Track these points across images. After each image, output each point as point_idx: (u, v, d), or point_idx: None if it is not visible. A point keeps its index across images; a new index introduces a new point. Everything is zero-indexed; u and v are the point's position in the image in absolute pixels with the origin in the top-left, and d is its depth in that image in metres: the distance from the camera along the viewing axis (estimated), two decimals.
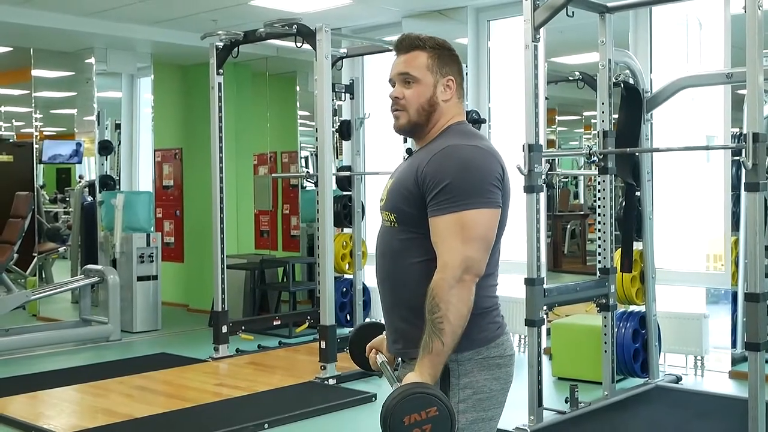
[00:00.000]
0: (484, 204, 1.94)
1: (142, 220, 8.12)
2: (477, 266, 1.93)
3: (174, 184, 9.43)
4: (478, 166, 1.97)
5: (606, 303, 5.15)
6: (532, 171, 4.57)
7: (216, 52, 6.45)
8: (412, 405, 1.79)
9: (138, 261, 7.91)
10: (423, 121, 2.10)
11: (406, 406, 1.79)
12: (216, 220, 6.48)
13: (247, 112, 9.19)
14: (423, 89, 2.09)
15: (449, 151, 1.99)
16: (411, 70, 2.09)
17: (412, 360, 2.03)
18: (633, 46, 6.10)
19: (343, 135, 7.50)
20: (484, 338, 2.04)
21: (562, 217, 7.75)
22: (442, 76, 2.10)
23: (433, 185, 1.95)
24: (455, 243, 1.91)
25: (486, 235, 1.95)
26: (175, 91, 9.39)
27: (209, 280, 6.92)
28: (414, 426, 1.78)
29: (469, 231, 1.92)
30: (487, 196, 1.95)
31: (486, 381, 2.02)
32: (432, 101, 2.09)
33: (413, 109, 2.10)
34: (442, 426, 1.79)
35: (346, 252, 7.43)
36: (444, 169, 1.96)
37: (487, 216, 1.95)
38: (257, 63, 8.80)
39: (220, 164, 6.48)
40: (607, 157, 5.14)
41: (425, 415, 1.78)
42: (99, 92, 8.37)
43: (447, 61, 2.12)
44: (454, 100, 2.12)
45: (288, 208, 9.14)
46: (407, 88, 2.10)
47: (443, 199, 1.94)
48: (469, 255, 1.91)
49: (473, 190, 1.94)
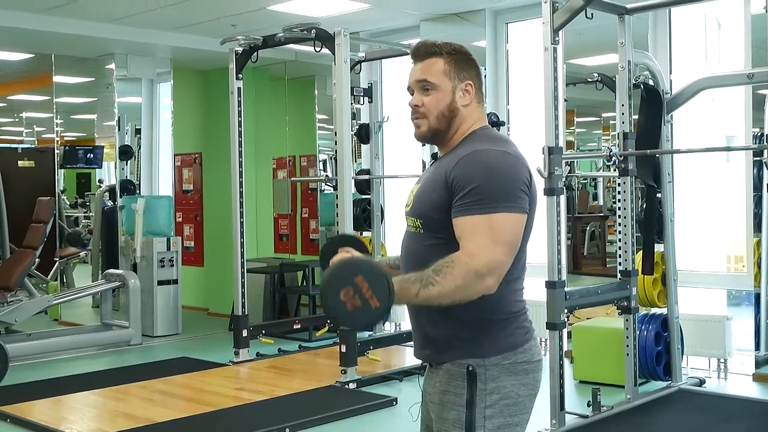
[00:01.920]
0: (511, 208, 1.92)
1: (163, 225, 8.14)
2: (501, 270, 1.91)
3: (194, 188, 9.46)
4: (507, 171, 1.96)
5: (628, 306, 5.11)
6: (552, 174, 4.54)
7: (235, 57, 6.46)
8: (371, 275, 1.78)
9: (158, 265, 7.94)
10: (444, 128, 2.08)
11: (367, 271, 1.78)
12: (235, 224, 6.50)
13: (266, 117, 9.21)
14: (442, 95, 2.07)
15: (478, 154, 1.98)
16: (428, 77, 2.08)
17: (440, 365, 2.02)
18: (652, 47, 6.06)
19: (361, 138, 7.50)
20: (512, 343, 2.02)
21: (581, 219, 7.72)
22: (460, 81, 2.08)
23: (461, 187, 1.94)
24: (485, 242, 1.89)
25: (513, 239, 1.93)
26: (195, 96, 9.43)
27: (229, 284, 6.94)
28: (352, 298, 1.76)
29: (498, 234, 1.90)
30: (515, 200, 1.93)
31: (513, 386, 2.01)
32: (451, 107, 2.08)
33: (433, 116, 2.08)
34: (378, 283, 1.78)
35: None
36: (472, 172, 1.94)
37: (514, 220, 1.93)
38: (276, 67, 8.82)
39: (240, 168, 6.50)
40: (628, 158, 5.11)
41: (359, 284, 1.77)
42: (119, 98, 8.41)
43: (464, 65, 2.10)
44: (473, 104, 2.11)
45: (307, 211, 9.15)
46: (426, 95, 2.08)
47: (471, 201, 1.92)
48: (496, 258, 1.88)
49: (501, 194, 1.92)
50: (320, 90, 8.86)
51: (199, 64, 9.09)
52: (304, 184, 9.06)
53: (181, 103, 9.00)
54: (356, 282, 1.77)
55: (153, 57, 8.54)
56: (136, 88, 8.68)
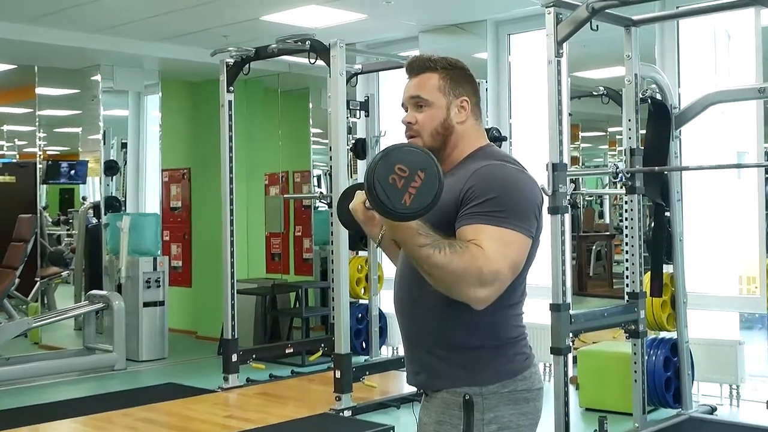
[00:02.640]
0: (522, 229, 1.91)
1: (149, 243, 8.14)
2: (502, 286, 1.88)
3: (182, 205, 9.46)
4: (524, 190, 1.96)
5: (635, 329, 5.11)
6: (556, 191, 4.55)
7: (226, 68, 6.48)
8: (407, 156, 1.76)
9: (144, 286, 7.92)
10: (439, 146, 2.07)
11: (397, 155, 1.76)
12: (225, 242, 6.49)
13: (258, 131, 9.23)
14: (435, 112, 2.07)
15: (495, 167, 1.98)
16: (422, 93, 2.08)
17: (436, 393, 2.01)
18: (660, 60, 6.09)
19: (357, 154, 7.51)
20: (511, 370, 2.01)
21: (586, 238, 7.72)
22: (455, 97, 2.08)
23: (475, 196, 1.92)
24: (498, 252, 1.85)
25: (519, 261, 1.92)
26: (184, 109, 9.45)
27: (218, 306, 6.92)
28: (400, 180, 1.73)
29: (510, 249, 1.88)
30: (527, 222, 1.92)
31: (512, 416, 1.99)
32: (446, 124, 2.07)
33: (427, 134, 2.07)
34: (430, 187, 1.75)
35: (362, 276, 7.42)
36: (490, 184, 1.93)
37: (522, 242, 1.92)
38: (269, 79, 8.85)
39: (230, 184, 6.50)
40: (635, 175, 5.12)
41: (415, 173, 1.75)
42: (105, 110, 8.43)
43: (460, 81, 2.10)
44: (470, 121, 2.11)
45: (300, 230, 9.15)
46: (419, 112, 2.08)
47: (485, 210, 1.90)
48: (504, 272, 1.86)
49: (516, 212, 1.91)
50: (315, 103, 8.88)
51: (189, 76, 9.11)
52: (297, 202, 9.06)
53: (169, 117, 9.01)
54: (415, 174, 1.74)
55: (140, 68, 8.57)
56: (122, 101, 8.70)
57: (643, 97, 5.26)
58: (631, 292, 5.15)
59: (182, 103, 9.43)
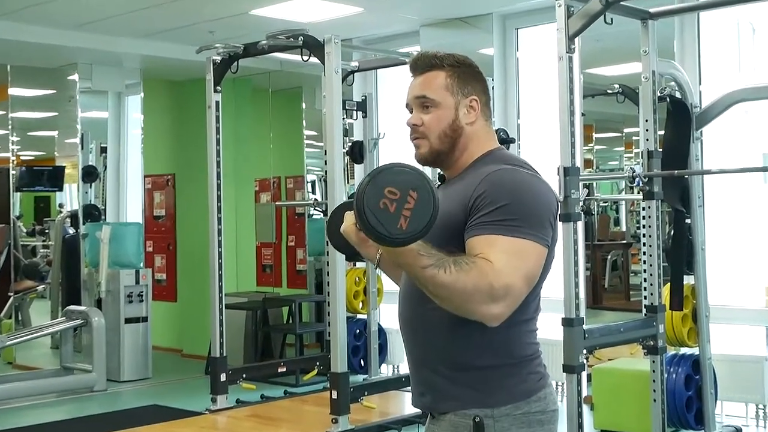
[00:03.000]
0: (538, 239, 1.92)
1: (131, 255, 8.13)
2: (516, 300, 1.88)
3: (166, 214, 9.45)
4: (539, 196, 1.96)
5: (654, 345, 5.10)
6: (568, 197, 4.54)
7: (213, 66, 6.48)
8: (397, 178, 1.78)
9: (126, 301, 7.91)
10: (447, 149, 2.08)
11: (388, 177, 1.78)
12: (213, 254, 6.48)
13: (248, 133, 9.23)
14: (443, 113, 2.08)
15: (507, 172, 1.98)
16: (428, 93, 2.08)
17: (443, 415, 2.00)
18: (679, 56, 6.09)
19: (354, 158, 7.50)
20: (524, 391, 2.01)
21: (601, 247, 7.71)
22: (464, 96, 2.09)
23: (486, 204, 1.92)
24: (511, 262, 1.85)
25: (534, 273, 1.92)
26: (168, 111, 9.45)
27: (206, 322, 6.90)
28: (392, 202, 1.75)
29: (523, 260, 1.88)
30: (542, 231, 1.93)
31: None
32: (454, 126, 2.08)
33: (434, 137, 2.08)
34: (425, 208, 1.76)
35: (360, 289, 7.41)
36: (502, 190, 1.93)
37: (537, 252, 1.92)
38: (259, 78, 8.85)
39: (218, 191, 6.49)
40: (653, 180, 5.11)
41: (407, 193, 1.76)
42: (83, 112, 8.43)
43: (469, 79, 2.11)
44: (480, 122, 2.11)
45: (293, 239, 9.14)
46: (425, 113, 2.09)
47: (497, 219, 1.90)
48: (518, 285, 1.86)
49: (531, 220, 1.91)
50: (308, 103, 8.87)
51: (173, 75, 9.11)
52: (290, 209, 9.05)
53: (152, 119, 9.01)
54: (407, 195, 1.76)
55: (121, 67, 8.57)
56: (101, 102, 8.70)
57: (662, 95, 5.25)
58: (650, 305, 5.14)
59: (166, 104, 9.43)
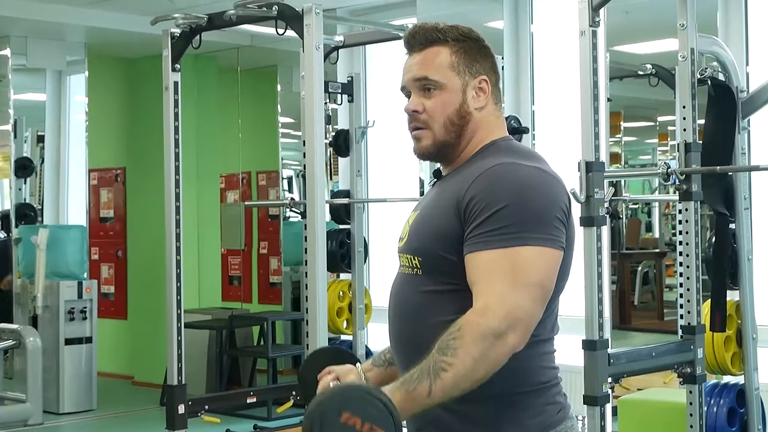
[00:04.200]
0: (545, 241, 1.92)
1: (72, 264, 8.12)
2: (527, 322, 1.90)
3: (115, 215, 9.45)
4: (542, 192, 1.97)
5: (692, 373, 5.11)
6: (591, 197, 4.55)
7: (171, 41, 6.47)
8: (359, 405, 1.77)
9: (66, 318, 7.90)
10: (453, 140, 2.09)
11: (352, 402, 1.78)
12: (170, 263, 6.47)
13: (213, 121, 9.23)
14: (449, 97, 2.08)
15: (504, 169, 1.99)
16: (431, 74, 2.08)
17: None
18: (723, 31, 6.12)
19: (339, 149, 7.51)
20: (542, 424, 2.02)
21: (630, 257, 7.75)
22: (471, 76, 2.09)
23: (480, 210, 1.93)
24: (502, 286, 1.88)
25: (544, 282, 1.93)
26: (117, 93, 9.45)
27: (161, 344, 6.90)
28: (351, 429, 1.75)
29: (524, 274, 1.90)
30: (550, 231, 1.94)
31: None
32: (462, 111, 2.08)
33: (439, 125, 2.08)
34: (371, 411, 1.77)
35: (344, 305, 7.41)
36: (496, 191, 1.94)
37: (547, 257, 1.93)
38: (226, 55, 8.86)
39: (177, 189, 6.48)
40: (691, 177, 5.13)
41: (350, 423, 1.76)
42: (16, 94, 8.41)
43: (476, 55, 2.11)
44: (489, 107, 2.12)
45: (266, 246, 9.15)
46: (428, 97, 2.08)
47: (492, 229, 1.92)
48: (520, 303, 1.88)
49: (533, 222, 1.92)
50: (284, 86, 8.89)
51: (124, 51, 9.11)
52: (262, 210, 9.05)
53: (98, 103, 9.01)
54: (345, 423, 1.76)
55: (62, 41, 8.56)
56: (38, 82, 8.70)
57: (702, 77, 5.27)
58: (687, 325, 5.15)
59: (115, 85, 9.43)
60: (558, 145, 6.56)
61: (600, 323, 4.61)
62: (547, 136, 6.98)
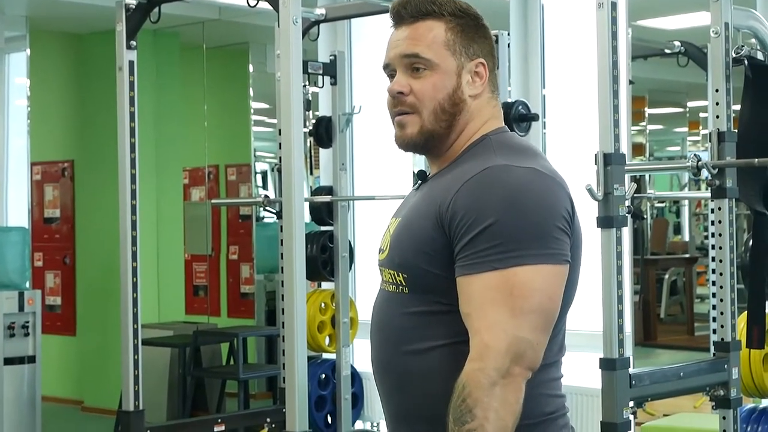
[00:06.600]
0: (545, 258, 1.92)
1: (12, 272, 8.11)
2: (532, 353, 1.91)
3: (61, 215, 9.44)
4: (538, 200, 1.95)
5: (726, 396, 5.13)
6: (609, 194, 4.56)
7: (126, 13, 6.48)
8: None
9: (5, 334, 7.89)
10: (442, 130, 2.07)
11: None
12: (125, 270, 6.48)
13: (174, 106, 9.23)
14: (442, 79, 2.06)
15: (493, 174, 1.97)
16: (422, 51, 2.06)
17: None
18: (762, 3, 6.14)
19: (320, 140, 7.51)
20: None
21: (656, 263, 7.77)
22: (468, 58, 2.08)
23: (467, 227, 1.93)
24: (500, 316, 1.89)
25: (546, 305, 1.93)
26: (65, 74, 9.44)
27: (115, 364, 6.90)
28: None
29: (523, 299, 1.90)
30: (551, 245, 1.93)
31: None
32: (455, 98, 2.07)
33: (428, 112, 2.06)
34: None
35: (326, 319, 7.42)
36: (485, 203, 1.93)
37: (548, 276, 1.93)
38: (189, 30, 8.85)
39: (132, 185, 6.49)
40: (725, 171, 5.14)
41: None
42: None
43: (474, 35, 2.10)
44: (485, 95, 2.11)
45: (236, 251, 9.15)
46: (416, 78, 2.07)
47: (483, 248, 1.91)
48: (521, 336, 1.89)
49: (530, 236, 1.92)
50: (257, 66, 8.89)
51: (71, 26, 9.10)
52: (231, 210, 9.05)
53: (42, 85, 9.00)
54: None
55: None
56: None
57: (738, 56, 5.29)
58: (720, 341, 5.17)
59: (61, 66, 9.42)
60: (572, 134, 6.57)
61: (620, 339, 4.62)
62: (560, 124, 6.98)
